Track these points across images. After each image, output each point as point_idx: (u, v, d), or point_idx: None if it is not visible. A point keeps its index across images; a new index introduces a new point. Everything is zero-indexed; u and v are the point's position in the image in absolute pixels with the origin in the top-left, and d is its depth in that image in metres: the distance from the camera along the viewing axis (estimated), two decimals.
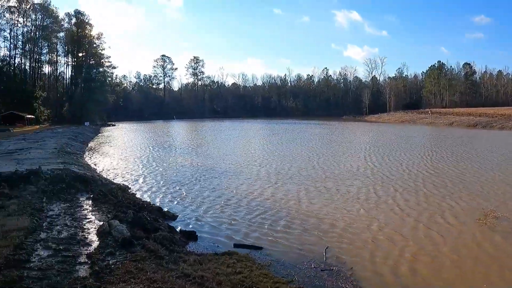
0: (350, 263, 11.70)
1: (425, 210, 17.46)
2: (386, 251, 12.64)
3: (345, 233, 14.39)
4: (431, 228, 14.90)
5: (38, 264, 9.36)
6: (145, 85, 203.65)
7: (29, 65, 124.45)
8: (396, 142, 52.03)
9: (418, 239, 13.72)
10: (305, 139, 60.30)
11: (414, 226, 15.15)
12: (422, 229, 14.76)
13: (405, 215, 16.77)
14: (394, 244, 13.27)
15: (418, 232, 14.45)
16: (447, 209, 17.65)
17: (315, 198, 20.04)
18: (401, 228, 14.96)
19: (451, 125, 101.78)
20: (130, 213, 13.82)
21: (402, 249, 12.78)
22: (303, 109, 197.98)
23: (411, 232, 14.45)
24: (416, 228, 14.90)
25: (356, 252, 12.57)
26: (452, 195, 20.21)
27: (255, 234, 14.38)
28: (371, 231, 14.57)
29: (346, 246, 13.14)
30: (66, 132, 69.85)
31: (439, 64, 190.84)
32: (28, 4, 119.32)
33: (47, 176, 20.69)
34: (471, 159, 33.85)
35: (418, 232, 14.45)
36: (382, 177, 25.35)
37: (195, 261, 10.44)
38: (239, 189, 22.48)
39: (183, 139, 64.37)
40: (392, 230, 14.65)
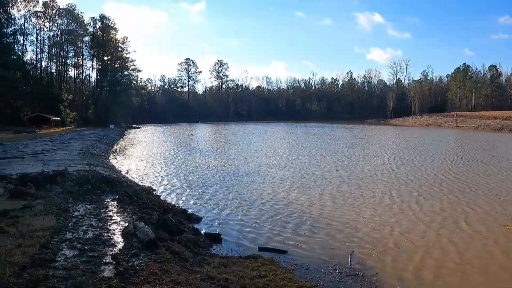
0: (375, 268, 11.47)
1: (449, 216, 17.06)
2: (411, 257, 12.37)
3: (369, 238, 14.14)
4: (456, 234, 14.56)
5: (64, 263, 9.39)
6: (169, 88, 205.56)
7: (56, 69, 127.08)
8: (420, 146, 51.34)
9: (442, 245, 13.39)
10: (328, 142, 59.94)
11: (438, 232, 14.79)
12: (446, 235, 14.40)
13: (428, 220, 16.40)
14: (418, 250, 12.98)
15: (442, 238, 14.10)
16: (472, 214, 17.22)
17: (338, 202, 19.80)
18: (424, 233, 14.64)
19: (477, 128, 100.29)
20: (155, 215, 13.81)
21: (426, 255, 12.48)
22: (327, 113, 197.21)
23: (435, 238, 14.12)
24: (440, 234, 14.55)
25: (381, 258, 12.33)
26: (477, 201, 19.72)
27: (279, 238, 14.24)
28: (395, 237, 14.29)
29: (370, 251, 12.89)
30: (92, 134, 70.75)
31: (464, 67, 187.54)
32: (54, 9, 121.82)
33: (73, 177, 20.88)
34: (496, 164, 33.13)
35: (442, 238, 14.10)
36: (405, 182, 24.92)
37: (220, 263, 10.36)
38: (263, 192, 22.34)
39: (207, 142, 64.63)
40: (416, 236, 14.35)
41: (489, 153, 42.31)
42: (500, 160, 35.49)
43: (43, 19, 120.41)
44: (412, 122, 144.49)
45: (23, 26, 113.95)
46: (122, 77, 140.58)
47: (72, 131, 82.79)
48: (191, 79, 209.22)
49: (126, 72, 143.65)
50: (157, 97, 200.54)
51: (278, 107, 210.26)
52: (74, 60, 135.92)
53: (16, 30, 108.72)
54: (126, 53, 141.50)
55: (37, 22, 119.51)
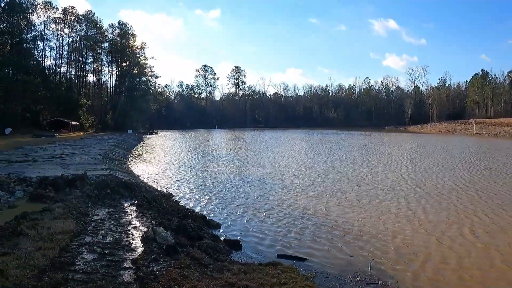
0: (395, 277, 11.25)
1: (468, 223, 16.80)
2: (431, 266, 12.15)
3: (389, 246, 13.92)
4: (477, 243, 14.27)
5: (83, 267, 9.39)
6: (187, 94, 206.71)
7: (75, 74, 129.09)
8: (439, 154, 50.81)
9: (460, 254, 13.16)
10: (346, 150, 59.64)
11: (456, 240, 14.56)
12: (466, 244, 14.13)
13: (445, 230, 16.11)
14: (439, 258, 12.75)
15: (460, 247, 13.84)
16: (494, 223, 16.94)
17: (358, 210, 19.56)
18: (446, 242, 14.37)
19: (495, 136, 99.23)
20: (174, 220, 13.77)
21: (447, 264, 12.25)
22: (344, 120, 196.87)
23: (456, 247, 13.85)
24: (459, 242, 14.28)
25: (401, 266, 12.12)
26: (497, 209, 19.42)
27: (297, 245, 14.09)
28: (415, 245, 14.05)
29: (390, 259, 12.68)
30: (110, 139, 71.29)
31: (482, 73, 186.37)
32: (73, 16, 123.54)
33: (92, 181, 21.01)
34: None
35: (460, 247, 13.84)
36: (427, 192, 24.47)
37: (239, 270, 10.25)
38: (281, 199, 22.20)
39: (225, 148, 64.68)
40: (436, 245, 14.08)
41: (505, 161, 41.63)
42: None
43: (62, 25, 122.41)
44: (430, 129, 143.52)
45: (42, 32, 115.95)
46: (140, 83, 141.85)
47: (91, 136, 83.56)
48: (209, 85, 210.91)
49: (144, 78, 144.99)
50: (174, 103, 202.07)
51: (296, 114, 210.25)
52: (93, 66, 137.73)
53: (36, 36, 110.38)
54: (144, 59, 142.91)
55: (56, 28, 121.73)
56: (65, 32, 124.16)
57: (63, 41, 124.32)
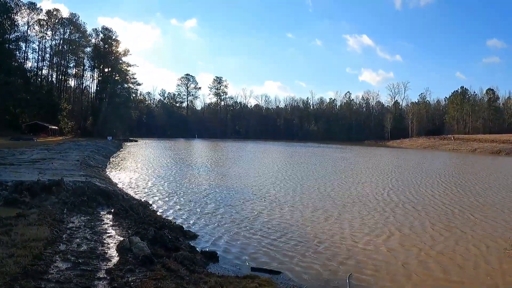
0: None
1: (447, 239, 16.93)
2: (410, 280, 12.21)
3: (367, 260, 13.94)
4: (455, 258, 14.36)
5: (56, 276, 9.17)
6: (168, 103, 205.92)
7: (56, 78, 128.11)
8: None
9: (440, 268, 13.26)
10: (326, 163, 60.16)
11: (436, 255, 14.65)
12: (445, 259, 14.23)
13: (427, 243, 16.24)
14: (417, 273, 12.81)
15: (440, 261, 13.95)
16: (473, 239, 17.08)
17: (336, 223, 19.60)
18: (423, 256, 14.48)
19: (474, 151, 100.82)
20: (151, 230, 13.61)
21: (426, 279, 12.33)
22: (325, 133, 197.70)
23: (434, 261, 13.97)
24: (437, 257, 14.40)
25: (379, 280, 12.15)
26: (477, 226, 19.59)
27: (276, 258, 14.02)
28: (393, 259, 14.12)
29: (369, 273, 12.69)
30: (89, 145, 70.65)
31: (462, 90, 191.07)
32: (57, 18, 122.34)
33: (68, 187, 20.69)
34: (496, 188, 33.04)
35: (440, 261, 13.95)
36: (406, 206, 24.65)
37: (216, 283, 10.12)
38: (260, 211, 22.12)
39: (204, 158, 64.46)
40: (414, 259, 14.18)
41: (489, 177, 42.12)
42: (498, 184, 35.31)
43: (45, 27, 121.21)
44: (409, 144, 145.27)
45: (25, 34, 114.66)
46: (122, 89, 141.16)
47: (70, 141, 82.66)
48: (190, 94, 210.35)
49: (126, 85, 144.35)
50: (155, 111, 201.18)
51: (276, 126, 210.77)
52: (75, 70, 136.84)
53: (19, 37, 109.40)
54: (126, 65, 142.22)
55: (39, 30, 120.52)
56: (48, 34, 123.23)
57: (45, 43, 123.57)
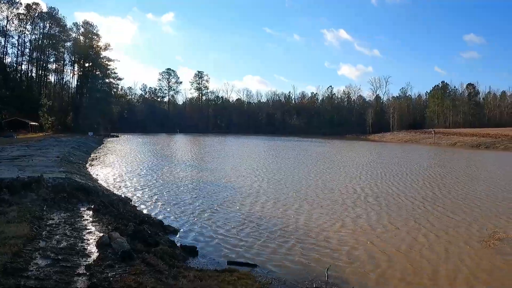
0: (352, 283, 11.53)
1: (426, 230, 17.28)
2: (387, 272, 12.49)
3: (346, 253, 14.23)
4: (433, 249, 14.72)
5: (36, 273, 9.18)
6: (150, 98, 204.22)
7: (36, 73, 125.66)
8: (398, 162, 51.89)
9: (417, 259, 13.59)
10: (307, 157, 60.56)
11: (413, 246, 15.01)
12: (423, 250, 14.57)
13: (406, 235, 16.62)
14: (395, 264, 13.10)
15: (417, 252, 14.28)
16: (451, 230, 17.46)
17: (316, 216, 19.87)
18: (402, 248, 14.79)
19: (454, 145, 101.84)
20: (131, 225, 13.68)
21: (404, 270, 12.62)
22: (306, 127, 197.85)
23: (411, 252, 14.32)
24: (415, 248, 14.74)
25: (358, 272, 12.41)
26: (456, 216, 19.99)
27: (256, 251, 14.23)
28: (371, 251, 14.41)
29: (347, 265, 12.96)
30: (70, 141, 69.93)
31: (442, 84, 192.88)
32: (36, 12, 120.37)
33: (48, 184, 20.59)
34: (475, 180, 33.65)
35: (417, 252, 14.28)
36: (385, 198, 25.07)
37: (195, 277, 10.25)
38: (240, 205, 22.38)
39: (186, 153, 64.37)
40: (393, 251, 14.47)
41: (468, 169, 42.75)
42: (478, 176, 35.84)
43: (25, 21, 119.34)
44: (390, 138, 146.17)
45: (5, 28, 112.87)
46: (102, 84, 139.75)
47: (50, 137, 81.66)
48: (172, 89, 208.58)
49: (107, 80, 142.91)
50: (137, 106, 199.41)
51: (258, 120, 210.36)
52: (55, 65, 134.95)
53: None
54: (107, 60, 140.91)
55: (19, 24, 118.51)
56: (27, 29, 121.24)
57: (25, 38, 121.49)
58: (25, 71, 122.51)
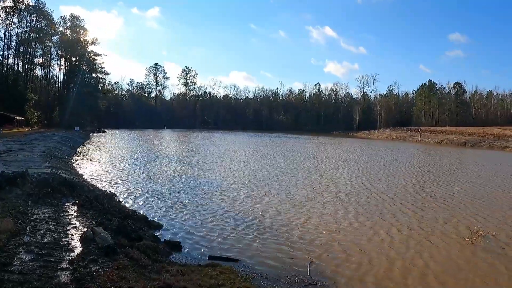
0: (333, 278, 11.70)
1: (410, 227, 17.53)
2: (370, 267, 12.68)
3: (328, 248, 14.42)
4: (417, 246, 14.94)
5: (20, 268, 9.26)
6: (137, 93, 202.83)
7: (22, 67, 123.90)
8: (385, 159, 52.25)
9: (401, 255, 13.81)
10: (293, 153, 60.60)
11: (398, 242, 15.24)
12: (407, 246, 14.81)
13: (390, 231, 16.84)
14: (379, 260, 13.30)
15: (401, 249, 14.50)
16: (435, 227, 17.72)
17: (299, 212, 20.08)
18: (386, 244, 15.01)
19: (440, 143, 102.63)
20: (115, 220, 13.77)
21: (388, 267, 12.81)
22: (293, 123, 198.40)
23: (395, 248, 14.53)
24: (400, 244, 14.98)
25: (340, 268, 12.58)
26: (440, 213, 20.27)
27: (239, 246, 14.37)
28: (354, 247, 14.59)
29: (329, 261, 13.13)
30: (56, 136, 69.45)
31: (430, 83, 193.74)
32: (23, 5, 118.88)
33: (33, 179, 20.56)
34: (459, 178, 34.02)
35: (401, 249, 14.50)
36: (369, 195, 25.33)
37: (178, 271, 10.38)
38: (223, 200, 22.55)
39: (172, 149, 64.30)
40: (377, 247, 14.69)
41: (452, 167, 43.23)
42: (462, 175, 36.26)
43: (11, 14, 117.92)
44: (377, 135, 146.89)
45: None
46: (89, 79, 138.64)
47: (36, 132, 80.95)
48: (159, 84, 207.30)
49: (94, 74, 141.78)
50: (124, 101, 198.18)
51: (246, 116, 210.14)
52: (42, 59, 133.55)
53: None
54: (94, 54, 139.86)
55: (5, 17, 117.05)
56: (14, 22, 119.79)
57: (11, 31, 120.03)
58: (11, 65, 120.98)
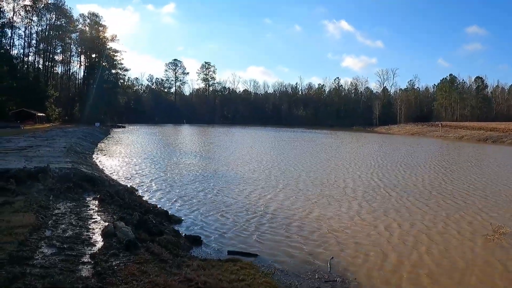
0: (354, 275, 11.55)
1: (431, 224, 17.27)
2: (391, 264, 12.51)
3: (349, 244, 14.26)
4: (437, 242, 14.70)
5: (41, 261, 9.27)
6: (156, 88, 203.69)
7: (43, 64, 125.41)
8: (405, 155, 51.77)
9: (422, 253, 13.57)
10: (312, 149, 60.38)
11: (419, 240, 14.97)
12: (427, 243, 14.57)
13: (411, 229, 16.59)
14: (399, 257, 13.10)
15: (422, 246, 14.25)
16: (455, 224, 17.44)
17: (321, 208, 19.90)
18: (406, 241, 14.81)
19: (461, 139, 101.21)
20: (136, 215, 13.78)
21: (408, 263, 12.61)
22: (313, 118, 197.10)
23: (416, 246, 14.28)
24: (421, 242, 14.72)
25: (361, 264, 12.43)
26: (460, 211, 19.97)
27: (258, 241, 14.33)
28: (376, 244, 14.41)
29: (350, 257, 12.98)
30: (76, 132, 70.11)
31: (450, 77, 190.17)
32: (42, 3, 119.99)
33: (55, 174, 20.71)
34: (479, 174, 33.48)
35: (422, 246, 14.25)
36: (389, 191, 25.06)
37: (199, 266, 10.35)
38: (243, 195, 22.50)
39: (192, 144, 64.43)
40: (397, 244, 14.50)
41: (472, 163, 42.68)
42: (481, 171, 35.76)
43: (31, 13, 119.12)
44: (397, 131, 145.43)
45: (11, 20, 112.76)
46: (109, 75, 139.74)
47: (57, 128, 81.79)
48: (178, 80, 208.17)
49: (113, 71, 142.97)
50: (143, 97, 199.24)
51: (265, 111, 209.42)
52: (62, 56, 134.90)
53: (4, 23, 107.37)
54: (114, 51, 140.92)
55: (25, 16, 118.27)
56: (34, 20, 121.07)
57: (31, 29, 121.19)
58: (32, 63, 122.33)
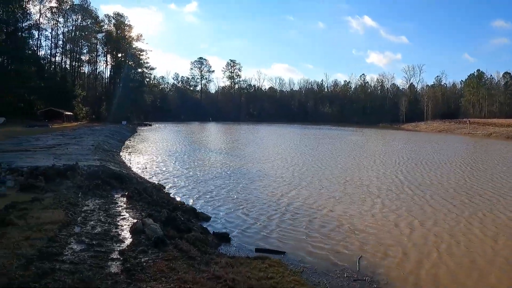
0: (383, 274, 11.33)
1: (459, 224, 16.87)
2: (420, 264, 12.24)
3: (379, 243, 14.00)
4: (466, 243, 14.32)
5: (71, 257, 9.32)
6: (182, 87, 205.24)
7: (69, 64, 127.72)
8: (431, 152, 50.98)
9: (450, 252, 13.28)
10: (338, 146, 59.93)
11: (447, 240, 14.62)
12: (454, 244, 14.20)
13: (439, 227, 16.24)
14: (428, 257, 12.81)
15: (451, 246, 13.92)
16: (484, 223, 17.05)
17: (349, 207, 19.63)
18: (435, 241, 14.47)
19: (489, 136, 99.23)
20: (164, 212, 13.78)
21: (436, 264, 12.32)
22: (339, 115, 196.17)
23: (446, 246, 13.95)
24: (449, 242, 14.36)
25: (390, 264, 12.19)
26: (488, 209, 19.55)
27: (286, 238, 14.20)
28: (404, 243, 14.15)
29: (380, 256, 12.75)
30: (104, 130, 71.06)
31: (478, 73, 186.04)
32: (68, 5, 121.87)
33: (83, 171, 20.96)
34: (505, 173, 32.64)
35: (451, 246, 13.92)
36: (420, 191, 24.54)
37: (227, 263, 10.26)
38: (271, 193, 22.36)
39: (218, 141, 64.68)
40: (426, 243, 14.19)
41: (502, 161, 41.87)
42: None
43: (57, 14, 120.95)
44: (424, 128, 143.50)
45: (38, 21, 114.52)
46: (135, 74, 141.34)
47: (84, 126, 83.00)
48: (204, 78, 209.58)
49: (139, 70, 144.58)
50: (169, 95, 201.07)
51: (291, 109, 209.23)
52: (88, 56, 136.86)
53: (31, 25, 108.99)
54: (139, 50, 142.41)
55: (52, 17, 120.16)
56: (60, 21, 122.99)
57: (58, 30, 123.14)
58: (59, 63, 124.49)
